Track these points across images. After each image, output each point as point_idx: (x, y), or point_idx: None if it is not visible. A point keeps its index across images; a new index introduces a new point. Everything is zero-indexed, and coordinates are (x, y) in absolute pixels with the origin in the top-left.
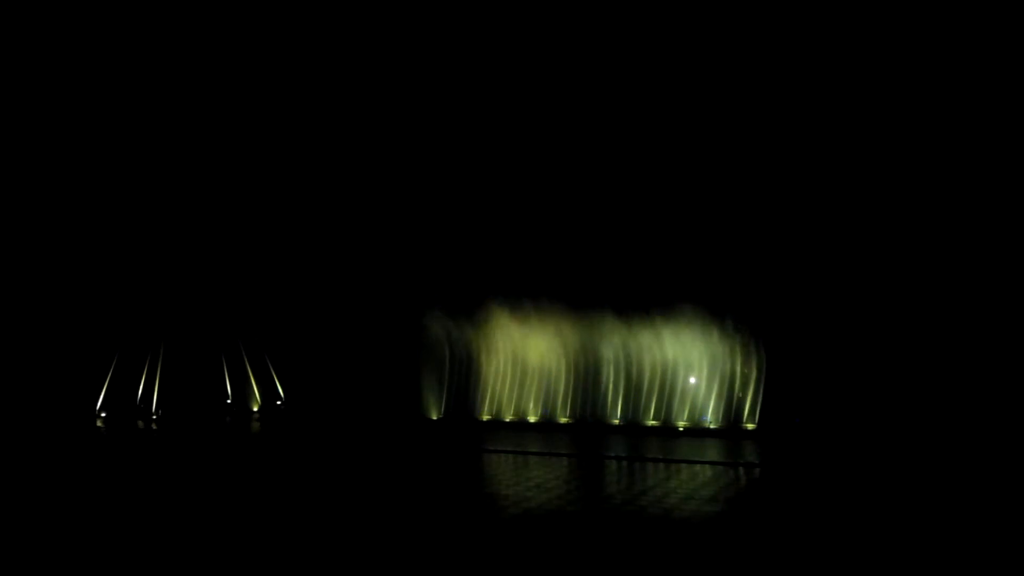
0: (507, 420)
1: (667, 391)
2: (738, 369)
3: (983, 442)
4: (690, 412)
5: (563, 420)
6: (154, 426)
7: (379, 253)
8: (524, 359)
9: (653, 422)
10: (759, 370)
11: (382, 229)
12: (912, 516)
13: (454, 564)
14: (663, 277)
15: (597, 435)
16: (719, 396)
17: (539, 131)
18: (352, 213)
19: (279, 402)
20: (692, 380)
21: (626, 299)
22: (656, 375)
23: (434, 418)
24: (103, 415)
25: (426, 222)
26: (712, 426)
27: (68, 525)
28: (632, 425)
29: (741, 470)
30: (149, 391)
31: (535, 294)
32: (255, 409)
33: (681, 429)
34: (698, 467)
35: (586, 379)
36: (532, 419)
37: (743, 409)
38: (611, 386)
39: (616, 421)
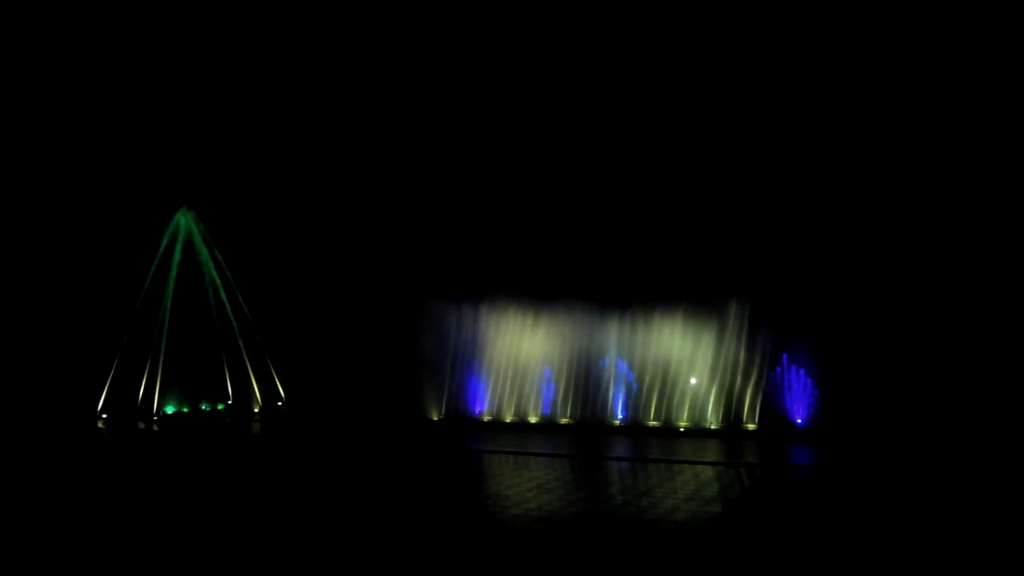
0: (508, 421)
1: (668, 391)
2: (739, 370)
3: (1003, 445)
4: (691, 413)
5: (564, 421)
6: (155, 427)
7: (379, 253)
8: (525, 360)
9: (654, 423)
10: (760, 370)
11: (382, 229)
12: (916, 515)
13: (455, 565)
14: (663, 276)
15: (598, 436)
16: (720, 397)
17: (534, 127)
18: (352, 212)
19: (280, 403)
20: (693, 380)
21: (627, 298)
22: (657, 375)
23: (435, 419)
24: (104, 416)
25: (426, 222)
26: (713, 427)
27: (69, 526)
28: (633, 426)
29: (742, 471)
30: (150, 392)
31: (536, 294)
32: (256, 410)
33: (682, 430)
34: (699, 468)
35: (587, 379)
36: (533, 420)
37: (743, 410)
38: (612, 387)
39: (617, 422)
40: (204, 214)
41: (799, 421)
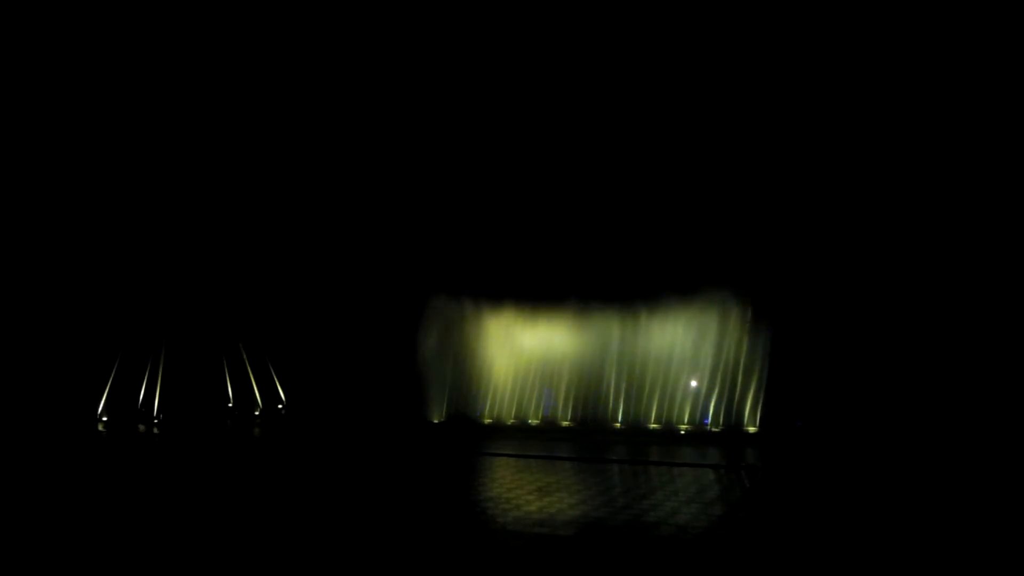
0: (508, 423)
1: (668, 394)
2: (739, 371)
3: (991, 446)
4: (691, 415)
5: (564, 423)
6: (155, 430)
7: (379, 254)
8: (525, 362)
9: (655, 425)
10: (760, 371)
11: (382, 230)
12: (918, 521)
13: (454, 568)
14: (663, 275)
15: (599, 438)
16: (720, 399)
17: (533, 125)
18: (352, 215)
19: (280, 405)
20: (693, 383)
21: (627, 300)
22: (658, 377)
23: (436, 421)
24: (104, 419)
25: (426, 223)
26: (714, 429)
27: (69, 529)
28: (634, 428)
29: (743, 473)
30: (151, 395)
31: (536, 296)
32: (256, 413)
33: (683, 432)
34: (699, 471)
35: (587, 382)
36: (533, 422)
37: (743, 412)
38: (612, 389)
39: (617, 424)
40: (205, 216)
41: (799, 423)
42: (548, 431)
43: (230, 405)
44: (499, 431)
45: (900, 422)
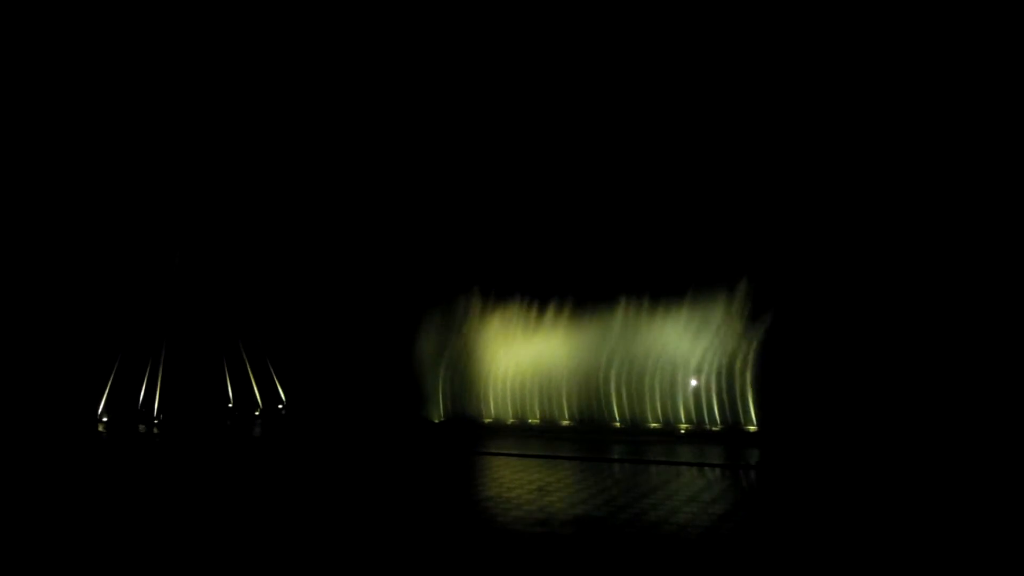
0: (508, 423)
1: (668, 393)
2: (738, 369)
3: (993, 445)
4: (691, 415)
5: (564, 423)
6: (155, 430)
7: (379, 255)
8: (525, 361)
9: (655, 424)
10: (760, 370)
11: (382, 231)
12: (918, 517)
13: (455, 568)
14: (663, 273)
15: (599, 438)
16: (720, 398)
17: (532, 125)
18: (352, 215)
19: (280, 405)
20: (693, 382)
21: (626, 298)
22: (657, 377)
23: (436, 421)
24: (104, 420)
25: (426, 223)
26: (714, 428)
27: (69, 531)
28: (634, 428)
29: (741, 472)
30: (151, 395)
31: (536, 294)
32: (256, 413)
33: (683, 432)
34: (699, 470)
35: (587, 381)
36: (533, 422)
37: (741, 411)
38: (611, 388)
39: (617, 424)
40: (204, 216)
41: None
42: (548, 430)
43: (230, 405)
44: (499, 430)
45: (901, 420)
